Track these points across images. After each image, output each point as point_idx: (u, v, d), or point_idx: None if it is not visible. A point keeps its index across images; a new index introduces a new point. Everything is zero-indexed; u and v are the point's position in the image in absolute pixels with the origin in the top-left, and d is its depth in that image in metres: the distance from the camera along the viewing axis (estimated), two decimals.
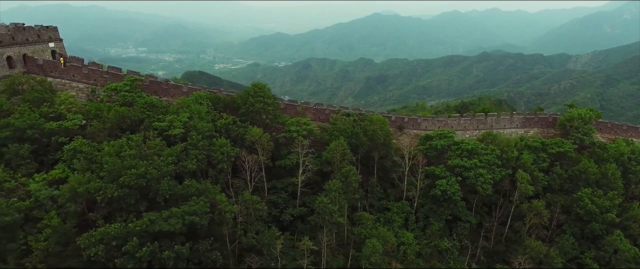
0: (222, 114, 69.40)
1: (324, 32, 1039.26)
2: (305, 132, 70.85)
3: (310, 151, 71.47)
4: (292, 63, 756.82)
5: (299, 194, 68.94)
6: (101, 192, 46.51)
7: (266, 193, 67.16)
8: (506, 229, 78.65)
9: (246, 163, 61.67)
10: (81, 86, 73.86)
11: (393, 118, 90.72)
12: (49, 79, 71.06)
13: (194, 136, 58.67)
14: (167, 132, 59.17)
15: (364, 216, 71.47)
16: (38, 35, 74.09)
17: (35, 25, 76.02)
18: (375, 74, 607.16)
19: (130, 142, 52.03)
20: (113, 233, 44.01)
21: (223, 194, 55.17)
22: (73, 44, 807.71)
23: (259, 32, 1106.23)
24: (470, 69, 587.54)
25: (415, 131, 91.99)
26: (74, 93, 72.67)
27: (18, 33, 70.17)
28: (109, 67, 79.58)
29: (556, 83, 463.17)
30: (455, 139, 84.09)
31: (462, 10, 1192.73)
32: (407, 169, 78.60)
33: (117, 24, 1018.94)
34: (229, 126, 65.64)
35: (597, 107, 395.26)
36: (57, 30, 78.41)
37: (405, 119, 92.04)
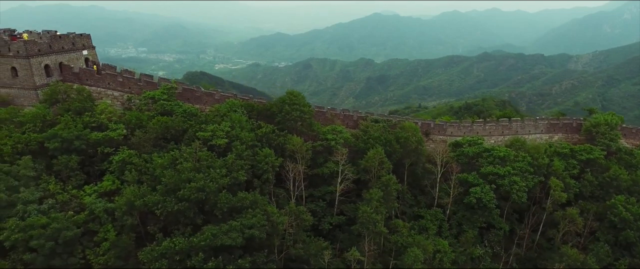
0: (259, 122, 69.30)
1: (324, 32, 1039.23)
2: (342, 141, 70.98)
3: (349, 160, 71.36)
4: (292, 63, 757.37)
5: (336, 203, 68.96)
6: (160, 206, 46.47)
7: (304, 202, 67.19)
8: (538, 236, 78.80)
9: (290, 173, 61.65)
10: (116, 93, 73.94)
11: (419, 124, 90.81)
12: (80, 86, 71.04)
13: (238, 146, 58.68)
14: (210, 142, 59.06)
15: (399, 223, 71.55)
16: (72, 43, 74.17)
17: (69, 33, 76.04)
18: (376, 74, 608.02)
19: (183, 154, 51.87)
20: (177, 247, 43.99)
21: (271, 205, 55.19)
22: None
23: (258, 32, 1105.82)
24: (471, 69, 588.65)
25: (441, 137, 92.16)
26: (109, 101, 72.73)
27: (55, 41, 70.25)
28: (141, 74, 79.67)
29: (557, 83, 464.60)
30: (485, 145, 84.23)
31: (462, 10, 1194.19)
32: (439, 176, 78.74)
33: (117, 24, 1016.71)
34: (269, 135, 65.49)
35: (598, 107, 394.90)
36: (90, 38, 78.41)
37: (432, 125, 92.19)
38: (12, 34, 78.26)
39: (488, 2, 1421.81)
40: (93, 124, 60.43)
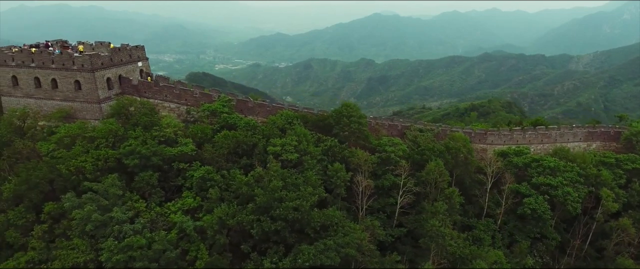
0: (319, 135, 69.58)
1: (323, 33, 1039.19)
2: (401, 153, 71.29)
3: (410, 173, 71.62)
4: (292, 64, 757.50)
5: (396, 215, 69.33)
6: (256, 225, 46.70)
7: (364, 214, 67.52)
8: (586, 246, 79.38)
9: (359, 187, 61.98)
10: (172, 106, 74.26)
11: (460, 132, 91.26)
12: (143, 99, 71.27)
13: (309, 161, 59.04)
14: (281, 157, 59.25)
15: (454, 234, 71.92)
16: (129, 55, 74.53)
17: (122, 45, 76.35)
18: (377, 74, 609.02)
19: (270, 172, 52.09)
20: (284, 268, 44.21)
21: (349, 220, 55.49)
22: None
23: (258, 33, 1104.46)
24: (472, 70, 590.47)
25: (481, 145, 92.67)
26: (165, 113, 72.97)
27: (115, 54, 70.62)
28: (194, 86, 79.87)
29: (559, 84, 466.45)
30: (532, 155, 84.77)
31: (461, 10, 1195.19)
32: (490, 186, 79.22)
33: (117, 25, 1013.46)
34: (334, 149, 65.78)
35: (601, 108, 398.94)
36: (144, 50, 78.74)
37: (472, 134, 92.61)
38: (64, 45, 78.59)
39: (488, 2, 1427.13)
40: (161, 139, 60.54)
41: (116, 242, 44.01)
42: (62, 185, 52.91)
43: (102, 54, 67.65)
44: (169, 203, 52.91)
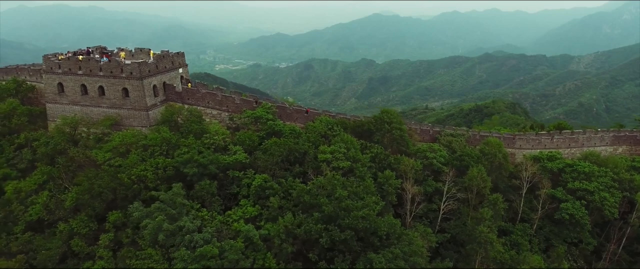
0: (363, 142, 70.23)
1: (324, 33, 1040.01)
2: (442, 159, 72.09)
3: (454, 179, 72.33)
4: (293, 64, 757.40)
5: (439, 221, 70.08)
6: (325, 234, 47.34)
7: (411, 221, 68.28)
8: (619, 250, 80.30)
9: (407, 194, 62.70)
10: (214, 112, 74.81)
11: (490, 137, 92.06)
12: (186, 105, 71.90)
13: (360, 169, 59.73)
14: (332, 165, 59.88)
15: (493, 238, 72.78)
16: (172, 62, 74.92)
17: (163, 51, 76.95)
18: (378, 75, 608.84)
19: (333, 181, 52.73)
20: None
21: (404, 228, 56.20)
22: (73, 45, 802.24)
23: (258, 33, 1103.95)
24: (473, 70, 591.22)
25: (509, 150, 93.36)
26: (207, 120, 73.50)
27: (160, 61, 71.07)
28: (231, 91, 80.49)
29: (560, 84, 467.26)
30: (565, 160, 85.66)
31: (461, 10, 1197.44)
32: (525, 191, 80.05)
33: (117, 25, 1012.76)
34: (380, 156, 66.48)
35: (602, 108, 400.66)
36: (184, 56, 79.34)
37: (501, 138, 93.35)
38: (104, 52, 79.12)
39: (487, 2, 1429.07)
40: (212, 147, 61.13)
41: (189, 252, 44.52)
42: (123, 194, 53.44)
43: (149, 62, 68.15)
44: (229, 211, 53.41)
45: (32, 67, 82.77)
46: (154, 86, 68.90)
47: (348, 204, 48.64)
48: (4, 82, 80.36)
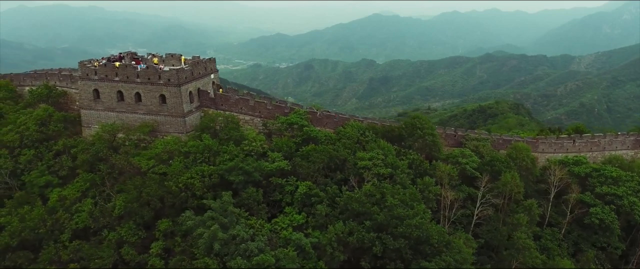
0: (397, 148, 70.51)
1: (324, 33, 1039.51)
2: (474, 165, 72.40)
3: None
4: (293, 64, 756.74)
5: (472, 226, 70.40)
6: (378, 243, 47.69)
7: (448, 227, 68.60)
8: None
9: (446, 200, 63.03)
10: (247, 118, 75.01)
11: (512, 141, 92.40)
12: (228, 112, 72.12)
13: (400, 175, 60.04)
14: (372, 171, 60.16)
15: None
16: (205, 68, 75.23)
17: (194, 57, 77.18)
18: (378, 75, 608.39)
19: (382, 189, 53.06)
20: None
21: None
22: (73, 45, 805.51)
23: (258, 33, 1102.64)
24: (474, 70, 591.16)
25: (533, 154, 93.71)
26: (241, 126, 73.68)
27: (195, 68, 71.34)
28: (261, 96, 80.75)
29: (562, 84, 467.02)
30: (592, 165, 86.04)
31: (461, 10, 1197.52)
32: (553, 195, 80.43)
33: (117, 25, 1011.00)
34: (416, 162, 66.79)
35: (604, 108, 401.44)
36: (215, 62, 79.88)
37: (524, 142, 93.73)
38: (135, 57, 79.40)
39: (487, 2, 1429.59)
40: (252, 153, 61.37)
41: (245, 261, 44.78)
42: (171, 202, 53.68)
43: (186, 68, 68.39)
44: (276, 219, 53.68)
45: (62, 73, 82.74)
46: (190, 92, 69.18)
47: (400, 213, 48.96)
48: (33, 88, 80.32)
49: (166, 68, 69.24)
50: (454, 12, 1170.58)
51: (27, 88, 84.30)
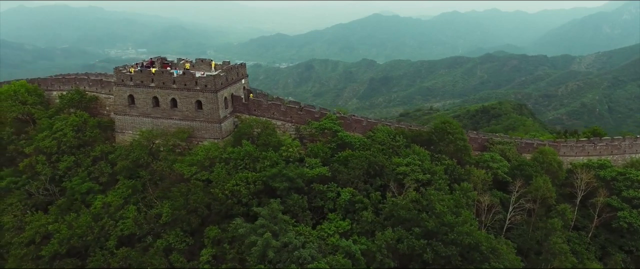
0: (431, 153, 70.88)
1: (324, 33, 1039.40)
2: (506, 169, 72.88)
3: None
4: (293, 64, 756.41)
5: (504, 231, 70.84)
6: (429, 250, 48.09)
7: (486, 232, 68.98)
8: None
9: (483, 205, 63.44)
10: (278, 123, 75.31)
11: (534, 145, 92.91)
12: (262, 118, 72.48)
13: (438, 181, 60.42)
14: (411, 177, 60.50)
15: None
16: (237, 74, 75.54)
17: (225, 62, 77.55)
18: (379, 75, 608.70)
19: (430, 196, 53.43)
20: None
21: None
22: (73, 45, 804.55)
23: (258, 33, 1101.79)
24: (474, 71, 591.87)
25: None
26: None
27: (229, 74, 71.69)
28: (289, 101, 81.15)
29: (562, 85, 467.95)
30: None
31: (461, 10, 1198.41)
32: (580, 199, 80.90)
33: (116, 25, 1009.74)
34: (450, 167, 67.17)
35: (605, 109, 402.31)
36: (245, 67, 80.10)
37: (546, 146, 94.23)
38: (164, 62, 79.78)
39: (487, 2, 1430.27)
40: (290, 159, 61.72)
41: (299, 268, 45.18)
42: (217, 209, 54.00)
43: (222, 74, 68.79)
44: (322, 226, 54.02)
45: (92, 78, 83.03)
46: (225, 98, 69.59)
47: (450, 220, 49.39)
48: (63, 93, 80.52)
49: (198, 74, 69.69)
50: (454, 12, 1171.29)
51: (54, 93, 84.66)
